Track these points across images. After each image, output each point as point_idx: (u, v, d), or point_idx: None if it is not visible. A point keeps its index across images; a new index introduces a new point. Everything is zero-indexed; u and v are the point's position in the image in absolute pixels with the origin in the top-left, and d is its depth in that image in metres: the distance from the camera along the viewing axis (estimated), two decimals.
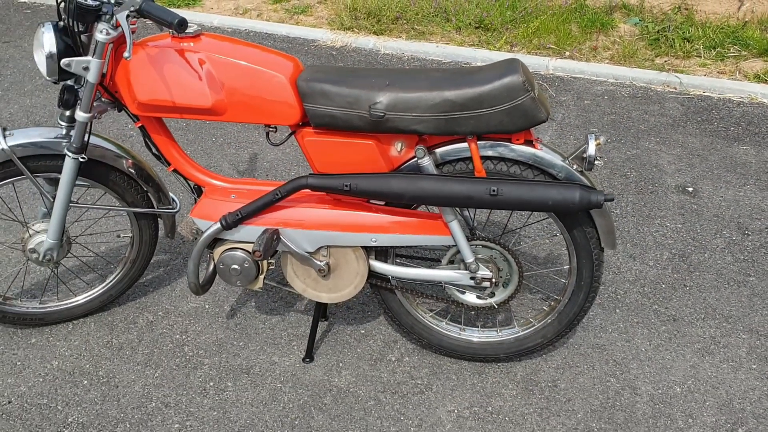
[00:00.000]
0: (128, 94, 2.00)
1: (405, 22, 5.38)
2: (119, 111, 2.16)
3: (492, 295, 2.18)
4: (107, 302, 2.53)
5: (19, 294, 2.59)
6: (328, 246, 2.12)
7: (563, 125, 4.02)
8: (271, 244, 2.05)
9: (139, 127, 2.13)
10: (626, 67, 4.72)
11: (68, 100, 2.07)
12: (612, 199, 1.88)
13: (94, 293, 2.50)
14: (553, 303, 2.23)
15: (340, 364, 2.35)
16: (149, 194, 2.34)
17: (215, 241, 2.17)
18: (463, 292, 2.21)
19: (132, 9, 1.82)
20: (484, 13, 5.30)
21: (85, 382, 2.28)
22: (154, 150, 2.20)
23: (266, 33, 5.37)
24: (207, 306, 2.59)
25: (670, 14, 5.25)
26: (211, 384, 2.27)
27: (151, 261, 2.78)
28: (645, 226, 3.11)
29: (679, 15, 5.26)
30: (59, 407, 2.19)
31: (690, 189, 3.40)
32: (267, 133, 2.09)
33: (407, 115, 1.89)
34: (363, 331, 2.49)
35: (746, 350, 2.42)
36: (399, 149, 2.01)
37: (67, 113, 2.13)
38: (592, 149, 1.92)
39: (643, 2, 5.44)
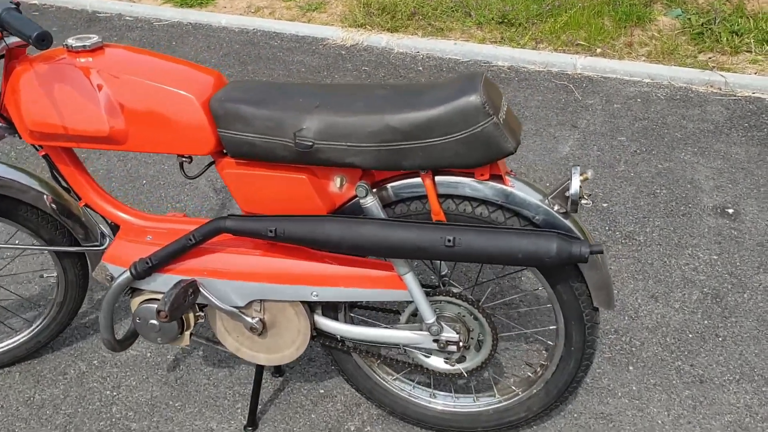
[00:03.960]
0: (18, 118, 1.67)
1: (421, 17, 4.96)
2: (20, 138, 1.83)
3: (462, 359, 1.78)
4: (35, 349, 2.21)
5: None
6: (261, 300, 1.75)
7: (587, 133, 3.56)
8: (183, 299, 1.68)
9: (43, 156, 1.79)
10: (664, 65, 4.21)
11: None
12: (600, 251, 1.46)
13: (18, 339, 2.18)
14: (538, 370, 1.81)
15: None
16: (71, 230, 2.01)
17: (134, 290, 1.82)
18: (429, 355, 1.81)
19: None
20: (508, 7, 4.84)
21: None
22: (62, 182, 1.86)
23: (274, 32, 5.03)
24: (149, 354, 2.25)
25: (716, 4, 4.69)
26: None
27: (93, 299, 2.45)
28: (673, 257, 2.64)
29: (727, 5, 4.70)
30: None
31: (730, 211, 2.91)
32: (181, 164, 1.73)
33: (340, 145, 1.50)
34: (322, 391, 2.11)
35: None
36: (339, 185, 1.62)
37: None
38: (575, 186, 1.50)
39: None
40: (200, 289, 1.73)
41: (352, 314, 1.88)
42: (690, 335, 2.27)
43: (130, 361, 2.23)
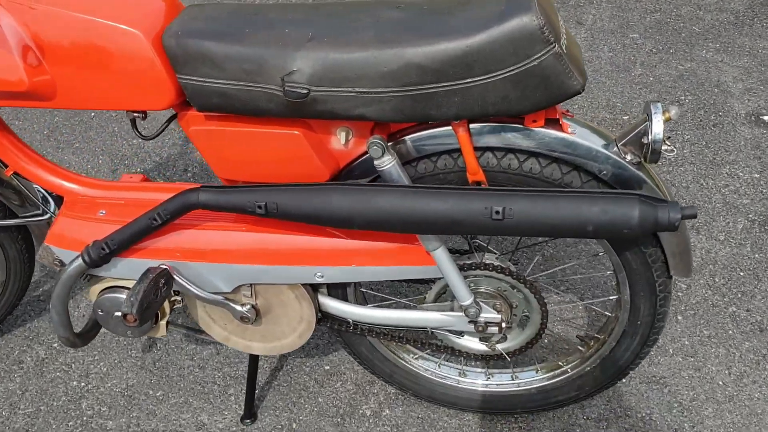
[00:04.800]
0: None
1: None
2: None
3: (503, 338, 1.47)
4: None
5: None
6: (251, 283, 1.40)
7: (594, 30, 3.15)
8: (155, 293, 1.33)
9: None
10: None
11: None
12: (694, 216, 1.12)
13: None
14: (592, 344, 1.51)
15: (294, 425, 1.68)
16: (2, 200, 1.61)
17: (91, 275, 1.46)
18: (461, 335, 1.49)
19: None
20: None
21: None
22: None
23: None
24: None
25: None
26: None
27: (44, 273, 2.08)
28: (710, 177, 2.32)
29: None
30: None
31: (766, 118, 2.58)
32: (132, 121, 1.32)
33: (346, 92, 1.11)
34: (327, 367, 1.80)
35: None
36: (344, 141, 1.24)
37: None
38: (658, 129, 1.14)
39: None
40: (174, 276, 1.37)
41: (363, 290, 1.54)
42: (741, 273, 1.99)
43: (97, 342, 1.89)
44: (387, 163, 1.20)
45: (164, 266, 1.36)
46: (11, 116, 2.70)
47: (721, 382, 1.72)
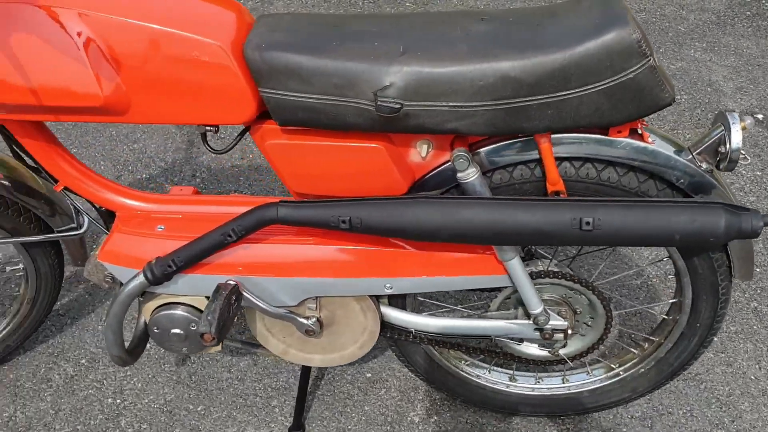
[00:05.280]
0: None
1: None
2: None
3: (564, 344, 1.49)
4: (4, 355, 1.79)
5: None
6: (317, 296, 1.39)
7: None
8: (228, 311, 1.30)
9: None
10: None
11: None
12: None
13: None
14: (648, 346, 1.54)
15: None
16: (39, 215, 1.56)
17: (144, 292, 1.42)
18: (520, 341, 1.51)
19: None
20: None
21: None
22: (29, 161, 1.40)
23: None
24: (148, 345, 1.87)
25: None
26: None
27: (64, 283, 2.01)
28: None
29: None
30: None
31: (760, 116, 2.67)
32: (203, 135, 1.29)
33: (439, 106, 1.11)
34: (369, 375, 1.79)
35: None
36: (425, 154, 1.24)
37: None
38: (737, 138, 1.18)
39: None
40: (242, 291, 1.35)
41: (420, 298, 1.54)
42: (758, 270, 2.06)
43: None
44: (471, 175, 1.20)
45: (232, 282, 1.33)
46: None
47: (753, 377, 1.78)
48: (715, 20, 3.28)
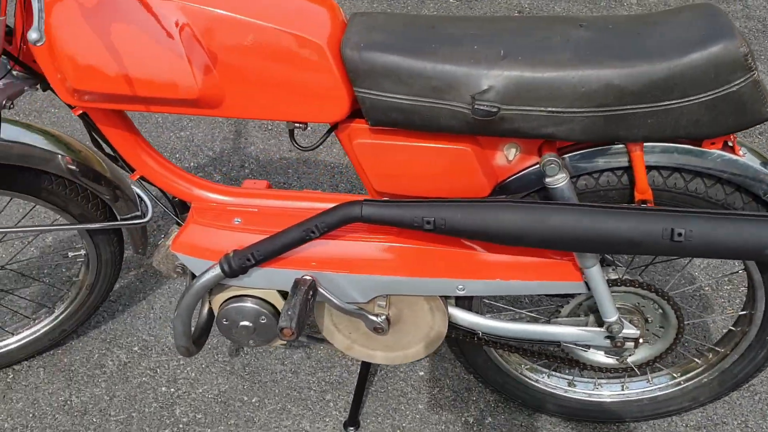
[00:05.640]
0: (54, 71, 1.18)
1: None
2: (44, 90, 1.34)
3: (632, 353, 1.48)
4: (59, 339, 1.80)
5: None
6: (388, 294, 1.39)
7: None
8: (305, 306, 1.30)
9: (80, 115, 1.31)
10: None
11: None
12: None
13: (39, 330, 1.76)
14: (712, 357, 1.54)
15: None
16: (107, 202, 1.56)
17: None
18: (587, 348, 1.50)
19: None
20: None
21: None
22: (107, 149, 1.39)
23: None
24: None
25: None
26: None
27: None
28: None
29: None
30: None
31: None
32: (291, 132, 1.29)
33: (538, 111, 1.10)
34: (422, 373, 1.79)
35: None
36: (512, 157, 1.23)
37: None
38: None
39: None
40: (318, 287, 1.35)
41: (486, 300, 1.54)
42: None
43: None
44: (561, 180, 1.19)
45: (309, 277, 1.33)
46: (46, 103, 2.60)
47: None
48: (761, 28, 3.25)
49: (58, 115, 2.54)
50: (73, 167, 1.47)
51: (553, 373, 1.63)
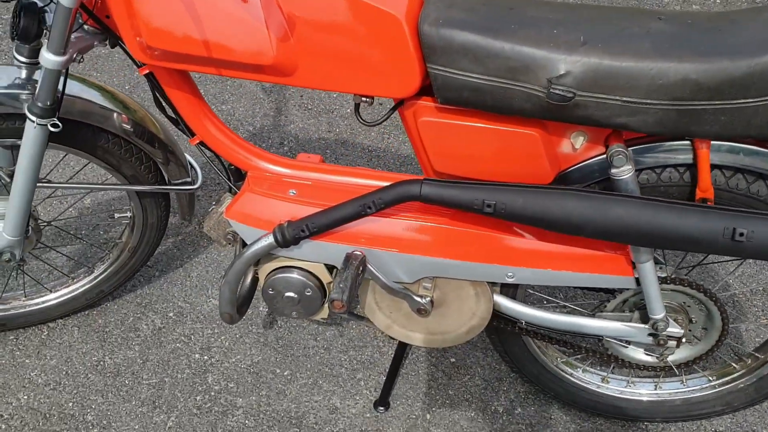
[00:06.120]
0: (129, 27, 1.18)
1: None
2: (113, 47, 1.34)
3: (672, 352, 1.48)
4: (96, 300, 1.81)
5: None
6: (435, 276, 1.39)
7: None
8: (356, 281, 1.31)
9: (146, 75, 1.32)
10: None
11: (27, 27, 1.26)
12: None
13: (78, 288, 1.77)
14: (751, 362, 1.54)
15: (428, 416, 1.68)
16: (157, 164, 1.57)
17: None
18: (627, 344, 1.51)
19: None
20: None
21: None
22: (169, 112, 1.40)
23: None
24: None
25: None
26: None
27: None
28: None
29: None
30: None
31: None
32: (357, 106, 1.29)
33: (613, 100, 1.10)
34: (453, 360, 1.80)
35: None
36: (579, 145, 1.23)
37: (28, 46, 1.32)
38: None
39: None
40: (367, 263, 1.35)
41: (530, 290, 1.54)
42: None
43: (214, 314, 1.85)
44: (627, 172, 1.19)
45: (360, 252, 1.33)
46: (88, 66, 2.60)
47: None
48: None
49: (101, 80, 2.55)
50: (129, 127, 1.48)
51: (588, 368, 1.63)
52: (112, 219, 1.79)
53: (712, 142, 1.19)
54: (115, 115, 1.46)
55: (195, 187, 1.61)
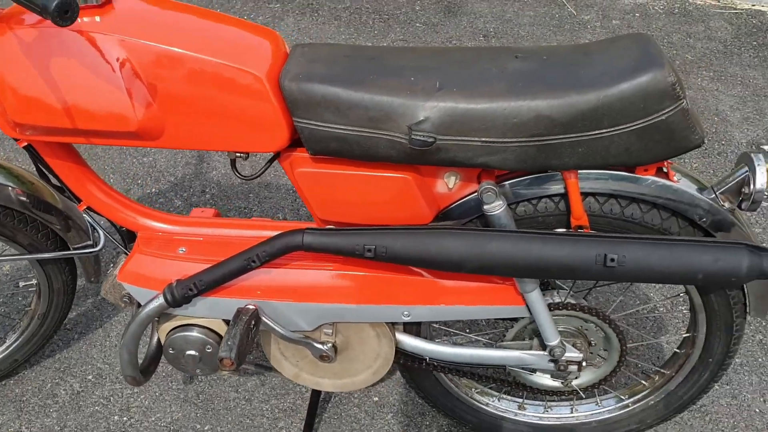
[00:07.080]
0: None
1: None
2: None
3: (576, 376, 1.49)
4: (10, 370, 1.78)
5: None
6: (334, 322, 1.39)
7: None
8: (247, 336, 1.30)
9: (24, 147, 1.31)
10: None
11: None
12: None
13: None
14: (658, 379, 1.55)
15: None
16: (57, 232, 1.55)
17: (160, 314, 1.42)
18: (533, 371, 1.51)
19: None
20: None
21: None
22: (53, 180, 1.39)
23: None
24: None
25: None
26: None
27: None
28: None
29: None
30: None
31: (766, 148, 2.70)
32: (233, 161, 1.30)
33: (472, 141, 1.12)
34: (376, 399, 1.79)
35: None
36: (452, 185, 1.25)
37: None
38: (762, 180, 1.19)
39: None
40: (261, 315, 1.35)
41: (434, 325, 1.55)
42: None
43: None
44: (498, 208, 1.21)
45: (252, 306, 1.33)
46: None
47: (757, 410, 1.79)
48: (722, 49, 3.32)
49: (5, 146, 2.53)
50: (24, 198, 1.47)
51: (504, 396, 1.63)
52: (17, 288, 1.77)
53: (580, 171, 1.22)
54: (7, 189, 1.45)
55: (96, 249, 1.59)
